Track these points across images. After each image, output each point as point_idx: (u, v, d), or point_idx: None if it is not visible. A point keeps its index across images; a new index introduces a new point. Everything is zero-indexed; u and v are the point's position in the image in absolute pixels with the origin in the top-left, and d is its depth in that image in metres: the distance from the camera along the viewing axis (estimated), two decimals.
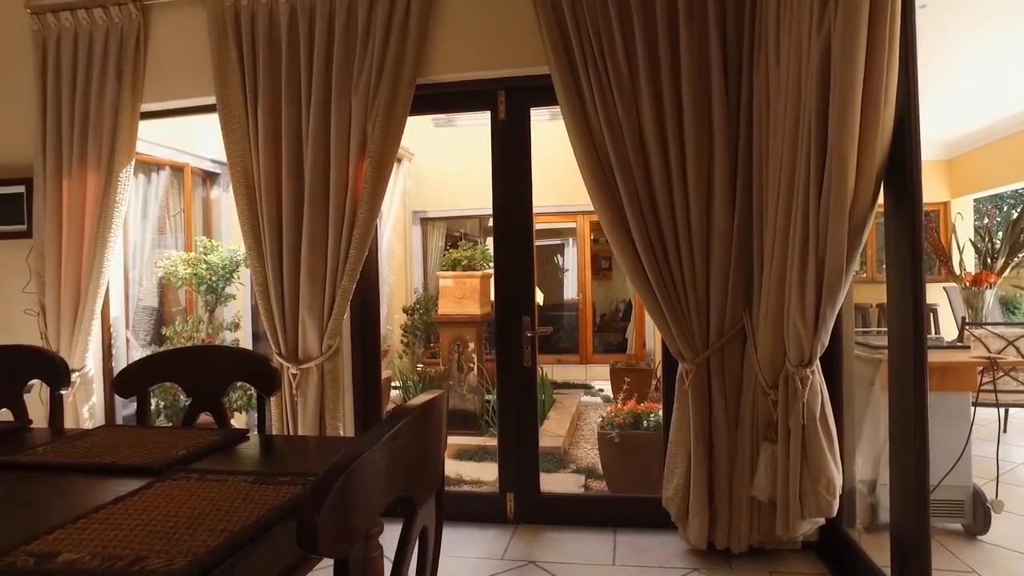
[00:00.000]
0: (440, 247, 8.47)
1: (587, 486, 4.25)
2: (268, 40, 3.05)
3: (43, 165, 3.31)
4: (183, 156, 4.67)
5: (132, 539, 0.89)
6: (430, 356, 7.12)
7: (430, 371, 6.42)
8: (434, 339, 7.22)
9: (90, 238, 3.22)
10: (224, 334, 4.15)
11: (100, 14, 3.29)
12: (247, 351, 1.83)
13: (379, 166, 2.87)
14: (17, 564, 0.82)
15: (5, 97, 3.55)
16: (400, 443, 0.78)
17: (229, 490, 1.08)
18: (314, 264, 2.88)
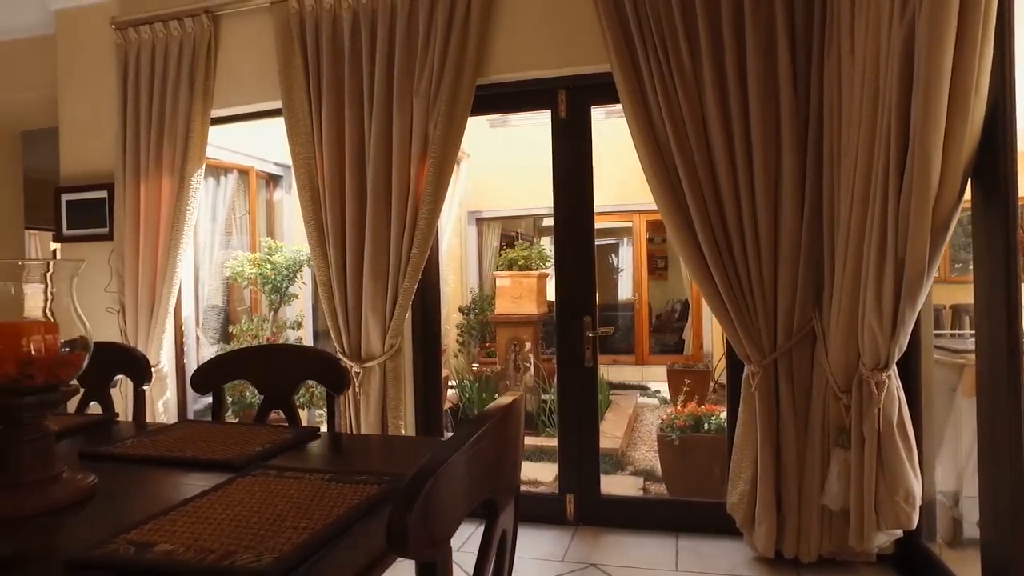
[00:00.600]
0: (495, 247, 8.51)
1: (645, 489, 4.19)
2: (331, 45, 3.11)
3: (123, 171, 3.46)
4: (248, 160, 4.82)
5: (220, 533, 0.92)
6: (486, 355, 7.15)
7: (486, 370, 6.45)
8: (489, 338, 7.25)
9: (164, 240, 3.35)
10: (287, 333, 4.26)
11: (175, 26, 3.43)
12: (318, 350, 1.86)
13: (440, 166, 2.89)
14: (119, 552, 0.86)
15: (92, 108, 3.73)
16: (484, 446, 0.78)
17: (307, 488, 1.10)
18: (377, 264, 2.92)
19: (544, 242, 8.90)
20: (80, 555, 0.86)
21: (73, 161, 3.78)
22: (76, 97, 3.80)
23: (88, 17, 3.75)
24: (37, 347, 1.07)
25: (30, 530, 1.00)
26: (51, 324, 1.11)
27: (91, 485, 1.15)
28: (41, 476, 1.09)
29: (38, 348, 1.07)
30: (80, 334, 1.13)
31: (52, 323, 1.11)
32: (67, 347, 1.12)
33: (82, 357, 1.13)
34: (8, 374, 1.03)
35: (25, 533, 0.98)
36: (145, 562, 0.83)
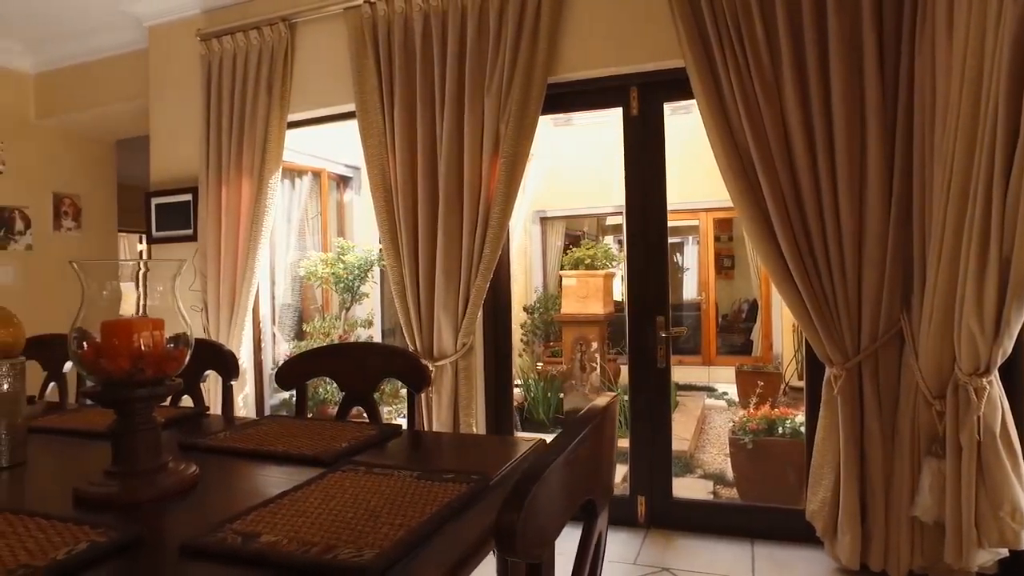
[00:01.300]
0: (558, 246, 8.49)
1: (716, 492, 4.10)
2: (403, 47, 3.16)
3: (206, 174, 3.62)
4: (319, 162, 4.96)
5: (319, 526, 0.94)
6: (550, 355, 7.13)
7: (551, 370, 6.44)
8: (554, 338, 7.23)
9: (244, 240, 3.48)
10: (358, 331, 4.36)
11: (255, 35, 3.55)
12: (399, 349, 1.90)
13: (512, 166, 2.89)
14: (228, 540, 0.89)
15: (178, 116, 3.92)
16: (586, 448, 0.77)
17: (397, 484, 1.12)
18: (449, 263, 2.95)
19: (607, 241, 8.83)
20: (193, 541, 0.90)
21: (161, 167, 3.98)
22: (165, 106, 4.00)
23: (177, 31, 3.94)
24: (147, 343, 1.12)
25: (144, 515, 1.05)
26: (158, 321, 1.16)
27: (194, 475, 1.20)
28: (151, 465, 1.15)
29: (147, 344, 1.12)
30: (182, 331, 1.18)
31: (159, 320, 1.16)
32: (172, 343, 1.17)
33: (185, 353, 1.18)
34: (123, 368, 1.09)
35: (140, 518, 1.02)
36: (252, 551, 0.86)
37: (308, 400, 3.93)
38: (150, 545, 0.94)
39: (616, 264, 6.61)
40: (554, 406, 6.08)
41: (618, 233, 8.78)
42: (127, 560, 0.90)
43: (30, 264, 4.64)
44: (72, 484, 1.26)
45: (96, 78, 4.55)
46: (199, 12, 3.89)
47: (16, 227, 4.55)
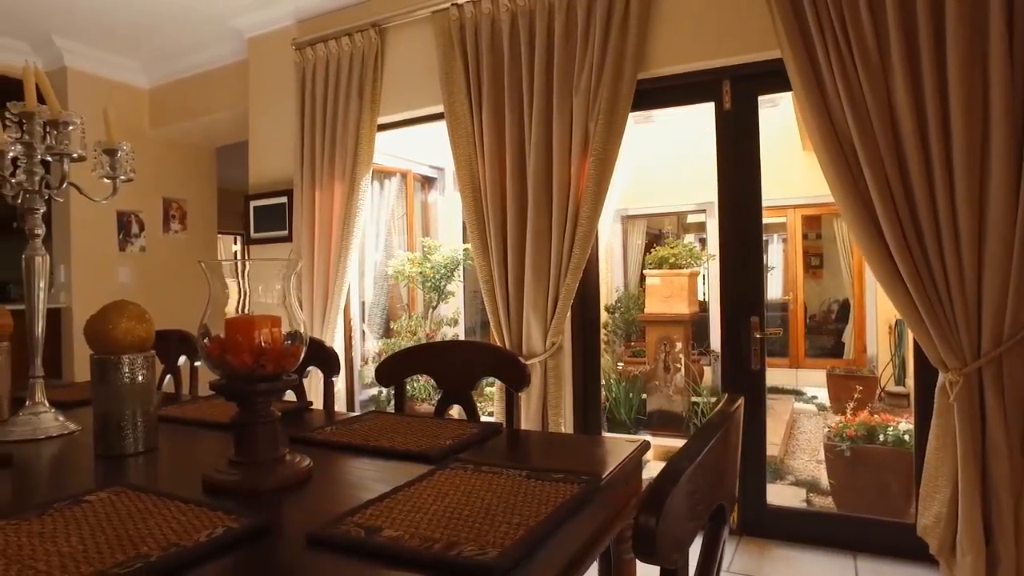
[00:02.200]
0: (639, 245, 8.37)
1: (809, 500, 3.93)
2: (491, 48, 3.18)
3: (300, 177, 3.77)
4: (405, 163, 5.07)
5: (436, 523, 0.95)
6: (631, 355, 7.04)
7: (632, 370, 6.35)
8: (635, 337, 7.13)
9: (336, 241, 3.60)
10: (444, 329, 4.43)
11: (346, 41, 3.67)
12: (499, 348, 1.91)
13: (602, 164, 2.86)
14: (351, 533, 0.91)
15: (275, 122, 4.10)
16: (715, 453, 0.75)
17: (507, 483, 1.12)
18: (538, 262, 2.95)
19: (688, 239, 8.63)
20: (319, 531, 0.93)
21: (259, 170, 4.17)
22: (262, 113, 4.19)
23: (274, 41, 4.13)
24: (266, 339, 1.17)
25: (264, 504, 1.09)
26: (276, 318, 1.21)
27: (309, 468, 1.24)
28: (271, 456, 1.20)
29: (267, 340, 1.17)
30: (298, 328, 1.23)
31: (277, 317, 1.21)
32: (288, 340, 1.22)
33: (300, 350, 1.23)
34: (246, 363, 1.14)
35: (261, 506, 1.07)
36: (376, 545, 0.88)
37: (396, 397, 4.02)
38: (277, 533, 0.98)
39: (701, 263, 6.45)
40: (636, 407, 5.99)
41: (700, 231, 8.56)
42: (257, 546, 0.93)
43: (144, 264, 4.97)
44: (196, 470, 1.34)
45: (200, 90, 4.83)
46: (294, 22, 4.05)
47: (132, 230, 4.89)
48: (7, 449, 1.48)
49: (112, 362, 1.43)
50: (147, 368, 1.47)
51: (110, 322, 1.42)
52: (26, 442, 1.58)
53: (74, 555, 0.87)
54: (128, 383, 1.44)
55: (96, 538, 0.92)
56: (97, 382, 1.44)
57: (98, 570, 0.82)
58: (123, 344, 1.43)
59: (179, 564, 0.85)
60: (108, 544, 0.90)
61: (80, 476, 1.40)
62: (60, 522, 0.99)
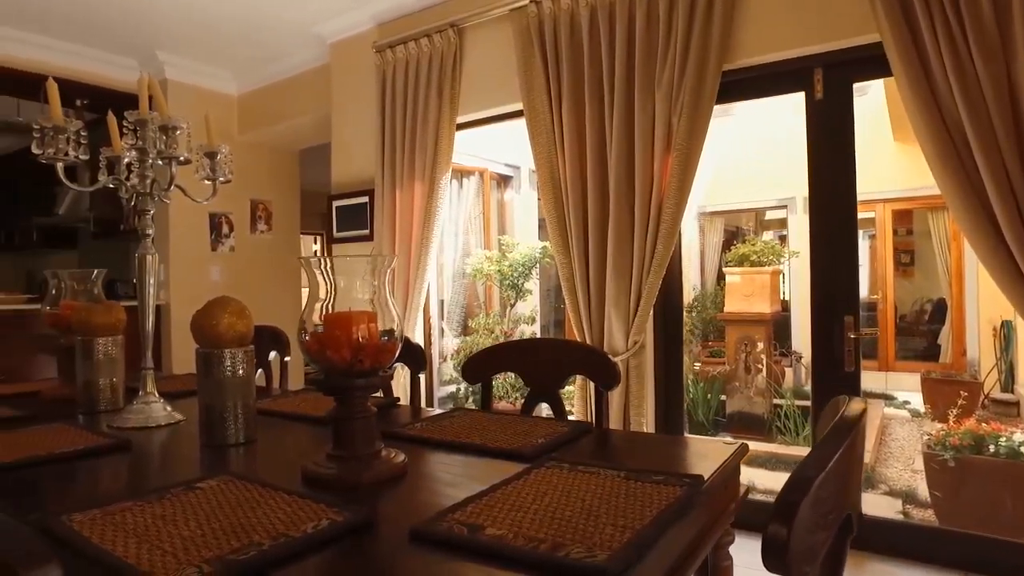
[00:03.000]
0: (716, 242, 8.16)
1: (905, 512, 3.71)
2: (570, 44, 3.15)
3: (381, 177, 3.84)
4: (481, 162, 5.11)
5: (539, 522, 0.93)
6: (709, 355, 6.86)
7: (710, 370, 6.19)
8: (713, 337, 6.94)
9: (416, 239, 3.66)
10: (522, 327, 4.43)
11: (425, 42, 3.71)
12: (588, 346, 1.89)
13: (686, 159, 2.79)
14: (454, 530, 0.91)
15: (356, 124, 4.21)
16: (845, 459, 0.70)
17: (606, 484, 1.09)
18: (620, 260, 2.91)
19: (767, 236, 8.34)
20: (423, 527, 0.93)
21: (341, 171, 4.29)
22: (344, 115, 4.31)
23: (355, 45, 4.23)
24: (364, 335, 1.18)
25: (361, 498, 1.11)
26: (372, 314, 1.22)
27: (404, 463, 1.25)
28: (367, 451, 1.21)
29: (365, 336, 1.18)
30: (394, 324, 1.24)
31: (373, 313, 1.22)
32: (385, 336, 1.23)
33: (396, 346, 1.24)
34: (345, 358, 1.16)
35: (359, 500, 1.08)
36: (480, 544, 0.87)
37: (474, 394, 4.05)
38: (379, 528, 0.99)
39: (782, 260, 6.21)
40: (715, 408, 5.84)
41: (780, 228, 8.26)
42: (360, 540, 0.94)
43: (233, 263, 5.21)
44: (292, 462, 1.37)
45: (285, 95, 5.01)
46: (374, 26, 4.14)
47: (223, 231, 5.13)
48: (126, 436, 1.56)
49: (215, 356, 1.49)
50: (247, 362, 1.53)
51: (214, 317, 1.48)
52: (139, 429, 1.67)
53: (194, 539, 0.90)
54: (230, 376, 1.50)
55: (211, 524, 0.95)
56: (202, 375, 1.50)
57: (216, 555, 0.84)
58: (225, 339, 1.49)
59: (289, 554, 0.87)
60: (223, 530, 0.93)
61: (187, 463, 1.46)
62: (178, 506, 1.03)
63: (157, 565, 0.82)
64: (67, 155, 1.64)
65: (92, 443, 1.48)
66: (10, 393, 2.21)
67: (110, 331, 1.96)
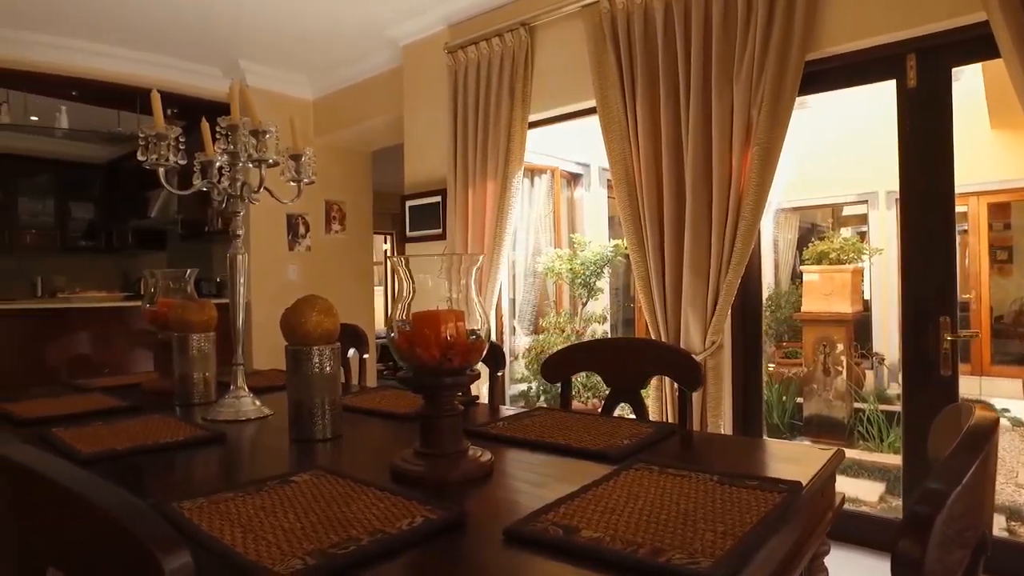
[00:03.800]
0: (790, 240, 7.88)
1: (1010, 530, 3.48)
2: (644, 38, 3.10)
3: (454, 177, 3.88)
4: (551, 160, 5.09)
5: (635, 526, 0.91)
6: (784, 356, 6.62)
7: (785, 372, 5.98)
8: (788, 337, 6.71)
9: (489, 238, 3.68)
10: (593, 326, 4.40)
11: (496, 42, 3.73)
12: (672, 346, 1.85)
13: (766, 155, 2.69)
14: (549, 531, 0.90)
15: (428, 125, 4.27)
16: (979, 473, 0.65)
17: (699, 488, 1.06)
18: (697, 258, 2.84)
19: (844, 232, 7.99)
20: (517, 527, 0.92)
21: (414, 171, 4.36)
22: (416, 116, 4.37)
23: (426, 47, 4.29)
24: (452, 334, 1.19)
25: (451, 497, 1.11)
26: (460, 313, 1.23)
27: (490, 462, 1.25)
28: (455, 449, 1.22)
29: (453, 334, 1.19)
30: (481, 323, 1.24)
31: (461, 312, 1.23)
32: (472, 335, 1.23)
33: (483, 345, 1.24)
34: (434, 356, 1.17)
35: (449, 499, 1.09)
36: (577, 546, 0.86)
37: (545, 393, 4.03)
38: (472, 526, 0.99)
39: (864, 258, 5.93)
40: (790, 411, 5.64)
41: (859, 224, 7.90)
42: (454, 538, 0.95)
43: (309, 263, 5.38)
44: (378, 458, 1.41)
45: (358, 98, 5.14)
46: (445, 28, 4.18)
47: (299, 231, 5.30)
48: (220, 428, 1.63)
49: (304, 353, 1.53)
50: (334, 359, 1.56)
51: (303, 315, 1.53)
52: (231, 422, 1.74)
53: (294, 531, 0.92)
54: (318, 373, 1.54)
55: (309, 517, 0.98)
56: (291, 371, 1.55)
57: (317, 548, 0.86)
58: (313, 336, 1.53)
59: (386, 551, 0.88)
60: (320, 524, 0.95)
61: (277, 457, 1.51)
62: (276, 498, 1.06)
63: (263, 555, 0.85)
64: (167, 160, 1.72)
65: (191, 435, 1.55)
66: (115, 385, 2.35)
67: (203, 328, 2.05)
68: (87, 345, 4.41)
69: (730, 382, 2.96)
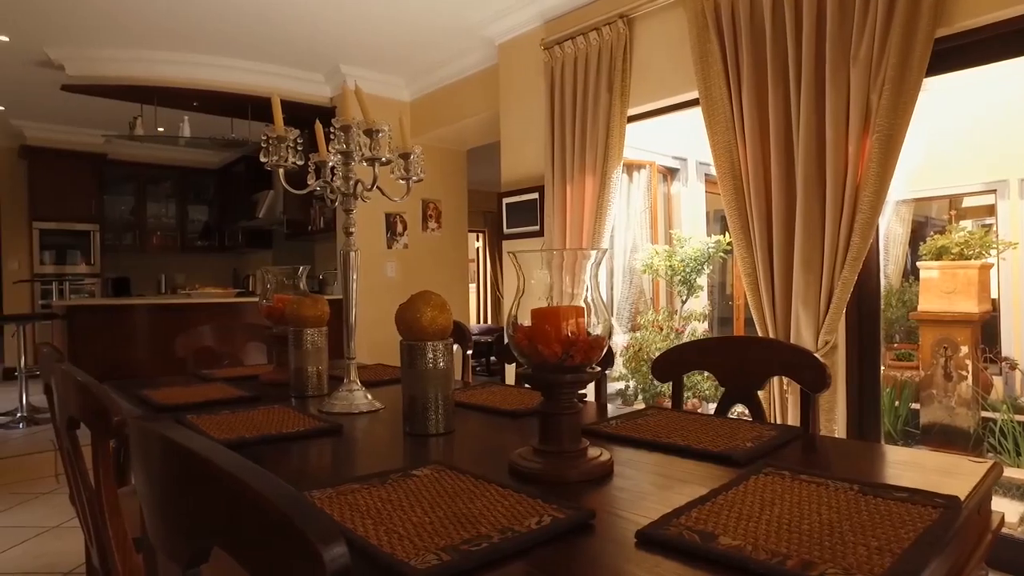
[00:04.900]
0: (901, 234, 7.36)
1: None
2: (750, 25, 2.97)
3: (551, 174, 3.87)
4: (647, 155, 4.98)
5: (775, 535, 0.86)
6: (895, 357, 6.21)
7: (897, 375, 5.59)
8: (899, 338, 6.27)
9: (588, 234, 3.64)
10: (693, 324, 4.27)
11: (594, 36, 3.68)
12: (793, 345, 1.76)
13: (888, 141, 2.52)
14: (684, 536, 0.86)
15: (524, 122, 4.28)
16: None
17: (840, 498, 0.99)
18: (808, 253, 2.69)
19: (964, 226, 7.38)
20: (651, 531, 0.89)
21: (510, 169, 4.38)
22: (512, 114, 4.39)
23: (522, 44, 4.30)
24: (574, 330, 1.17)
25: (571, 496, 1.09)
26: (580, 309, 1.20)
27: (610, 461, 1.22)
28: (574, 447, 1.20)
29: (574, 331, 1.17)
30: (604, 319, 1.21)
31: (581, 308, 1.21)
32: (593, 332, 1.21)
33: (604, 341, 1.21)
34: (556, 353, 1.15)
35: (569, 498, 1.06)
36: (716, 553, 0.82)
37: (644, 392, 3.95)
38: (600, 527, 0.96)
39: (993, 253, 5.45)
40: (904, 417, 5.26)
41: (982, 216, 7.28)
42: (583, 539, 0.93)
43: (406, 260, 5.52)
44: (491, 454, 1.41)
45: (453, 98, 5.22)
46: (541, 24, 4.17)
47: (397, 230, 5.45)
48: (336, 420, 1.69)
49: (419, 348, 1.55)
50: (447, 355, 1.58)
51: (418, 311, 1.55)
52: (344, 415, 1.79)
53: (423, 525, 0.93)
54: (432, 368, 1.56)
55: (436, 512, 0.98)
56: (406, 366, 1.58)
57: (448, 544, 0.86)
58: (428, 332, 1.55)
59: (517, 549, 0.87)
60: (448, 519, 0.95)
61: (392, 450, 1.54)
62: (401, 492, 1.08)
63: (397, 548, 0.86)
64: (287, 161, 1.79)
65: (311, 426, 1.61)
66: (234, 376, 2.48)
67: (317, 323, 2.13)
68: (209, 338, 4.72)
69: (844, 384, 2.80)
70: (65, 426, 1.36)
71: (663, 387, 4.01)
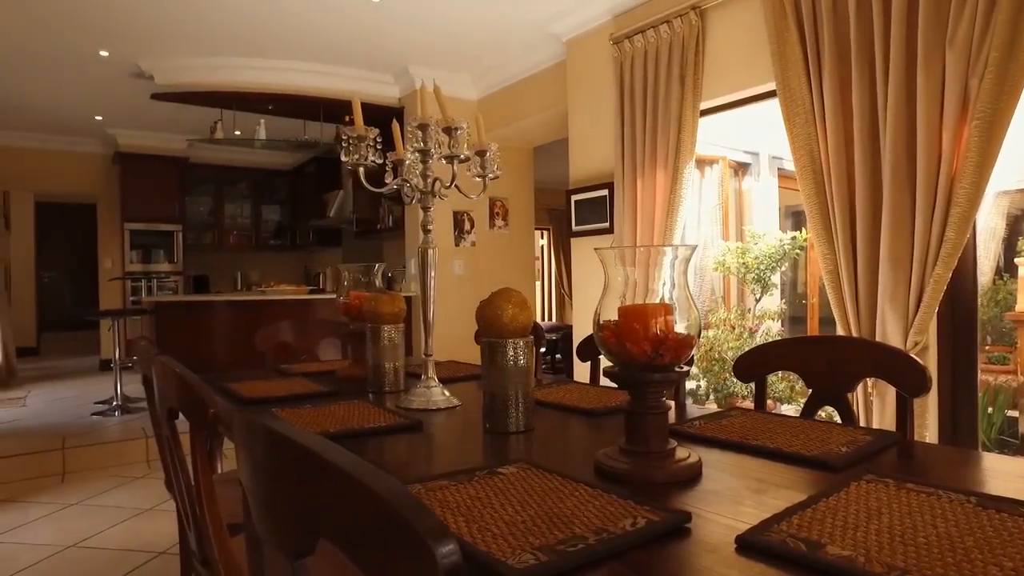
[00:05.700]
0: (991, 228, 6.92)
1: None
2: (832, 10, 2.84)
3: (621, 169, 3.82)
4: (718, 149, 4.85)
5: (888, 547, 0.82)
6: (987, 361, 5.85)
7: (990, 380, 5.26)
8: (991, 340, 5.91)
9: (659, 231, 3.57)
10: (767, 323, 4.15)
11: (664, 29, 3.61)
12: (887, 345, 1.68)
13: (988, 129, 2.36)
14: (788, 544, 0.83)
15: (593, 118, 4.24)
16: None
17: (955, 510, 0.93)
18: (896, 249, 2.56)
19: None
20: (752, 536, 0.86)
21: (579, 166, 4.35)
22: (581, 111, 4.36)
23: (590, 40, 4.26)
24: (663, 328, 1.14)
25: (659, 498, 1.06)
26: (668, 307, 1.18)
27: (699, 463, 1.19)
28: (661, 448, 1.18)
29: (663, 329, 1.14)
30: (694, 318, 1.18)
31: (669, 306, 1.18)
32: (683, 330, 1.18)
33: (693, 340, 1.18)
34: (645, 352, 1.13)
35: (657, 500, 1.04)
36: (826, 564, 0.78)
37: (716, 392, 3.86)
38: (695, 531, 0.94)
39: None
40: (998, 425, 4.95)
41: None
42: (681, 543, 0.90)
43: (474, 258, 5.56)
44: (573, 452, 1.39)
45: (521, 95, 5.22)
46: (610, 19, 4.12)
47: (464, 228, 5.50)
48: (415, 416, 1.71)
49: (499, 345, 1.56)
50: (527, 352, 1.57)
51: (499, 308, 1.55)
52: (422, 411, 1.81)
53: (515, 524, 0.92)
54: (512, 365, 1.55)
55: (527, 511, 0.98)
56: (487, 363, 1.58)
57: (544, 544, 0.85)
58: (509, 329, 1.55)
59: (613, 551, 0.85)
60: (541, 519, 0.94)
61: (473, 447, 1.54)
62: (489, 489, 1.07)
63: (492, 546, 0.85)
64: (367, 160, 1.83)
65: (392, 421, 1.63)
66: (313, 371, 2.55)
67: (394, 320, 2.16)
68: (286, 333, 4.89)
69: (936, 388, 2.65)
70: (165, 416, 1.42)
71: (736, 387, 3.90)
